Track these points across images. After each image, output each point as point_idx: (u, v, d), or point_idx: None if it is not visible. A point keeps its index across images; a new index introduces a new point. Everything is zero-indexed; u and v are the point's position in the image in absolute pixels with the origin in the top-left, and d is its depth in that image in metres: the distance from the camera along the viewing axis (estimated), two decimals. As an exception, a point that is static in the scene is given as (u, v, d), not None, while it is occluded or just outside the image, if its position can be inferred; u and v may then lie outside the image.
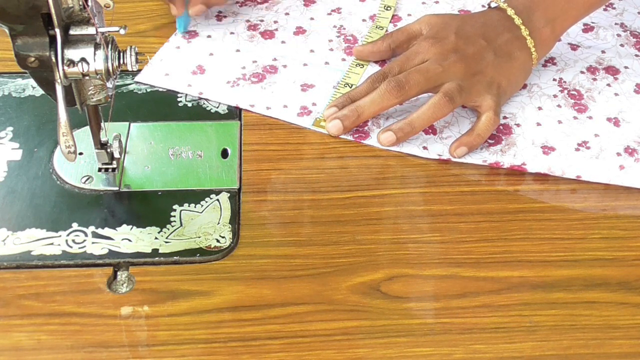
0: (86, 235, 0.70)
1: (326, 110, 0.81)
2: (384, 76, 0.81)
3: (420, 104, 0.80)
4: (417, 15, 0.90)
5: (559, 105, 0.83)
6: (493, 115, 0.79)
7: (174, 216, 0.72)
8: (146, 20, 0.92)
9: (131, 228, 0.71)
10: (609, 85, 0.85)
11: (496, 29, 0.83)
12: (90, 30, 0.63)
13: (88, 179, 0.75)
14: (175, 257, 0.69)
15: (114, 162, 0.75)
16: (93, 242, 0.70)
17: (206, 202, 0.73)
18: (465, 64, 0.80)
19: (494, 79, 0.81)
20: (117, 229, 0.71)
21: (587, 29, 0.92)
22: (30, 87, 0.83)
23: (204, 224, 0.72)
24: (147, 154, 0.77)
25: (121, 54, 0.65)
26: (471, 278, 0.69)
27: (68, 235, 0.70)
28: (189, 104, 0.83)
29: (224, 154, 0.78)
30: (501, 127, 0.81)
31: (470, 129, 0.79)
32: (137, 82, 0.84)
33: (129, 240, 0.70)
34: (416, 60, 0.81)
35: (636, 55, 0.89)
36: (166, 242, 0.70)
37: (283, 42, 0.90)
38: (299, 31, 0.91)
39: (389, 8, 0.94)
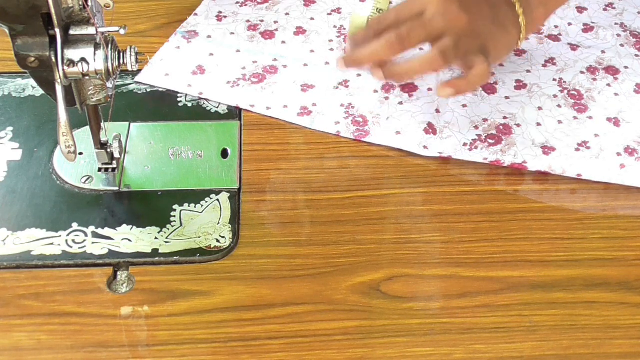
0: (86, 235, 0.70)
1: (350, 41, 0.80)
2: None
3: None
4: None
5: (559, 106, 0.83)
6: (487, 68, 0.77)
7: (174, 216, 0.72)
8: (146, 20, 0.92)
9: (131, 228, 0.71)
10: (609, 85, 0.85)
11: (496, 2, 0.81)
12: (90, 30, 0.63)
13: (88, 179, 0.75)
14: (175, 257, 0.69)
15: (114, 162, 0.75)
16: (93, 242, 0.70)
17: (206, 202, 0.73)
18: (468, 19, 0.77)
19: (486, 46, 0.79)
20: (117, 229, 0.71)
21: (587, 29, 0.92)
22: (30, 87, 0.83)
23: (204, 224, 0.72)
24: (147, 154, 0.77)
25: (121, 54, 0.65)
26: (471, 278, 0.69)
27: (68, 235, 0.70)
28: (189, 104, 0.83)
29: (224, 154, 0.78)
30: (501, 127, 0.81)
31: (462, 75, 0.78)
32: (137, 82, 0.84)
33: (129, 240, 0.70)
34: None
35: (636, 55, 0.89)
36: (166, 242, 0.70)
37: (283, 42, 0.90)
38: (299, 31, 0.91)
39: (380, 11, 0.93)
